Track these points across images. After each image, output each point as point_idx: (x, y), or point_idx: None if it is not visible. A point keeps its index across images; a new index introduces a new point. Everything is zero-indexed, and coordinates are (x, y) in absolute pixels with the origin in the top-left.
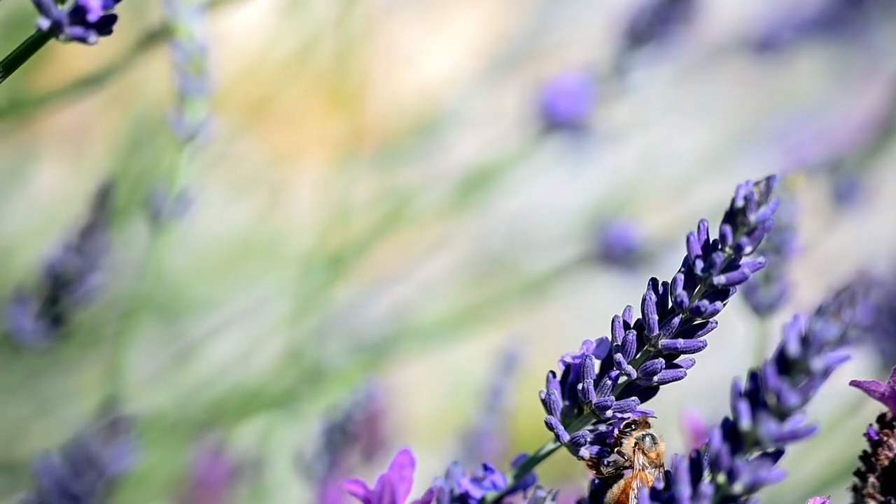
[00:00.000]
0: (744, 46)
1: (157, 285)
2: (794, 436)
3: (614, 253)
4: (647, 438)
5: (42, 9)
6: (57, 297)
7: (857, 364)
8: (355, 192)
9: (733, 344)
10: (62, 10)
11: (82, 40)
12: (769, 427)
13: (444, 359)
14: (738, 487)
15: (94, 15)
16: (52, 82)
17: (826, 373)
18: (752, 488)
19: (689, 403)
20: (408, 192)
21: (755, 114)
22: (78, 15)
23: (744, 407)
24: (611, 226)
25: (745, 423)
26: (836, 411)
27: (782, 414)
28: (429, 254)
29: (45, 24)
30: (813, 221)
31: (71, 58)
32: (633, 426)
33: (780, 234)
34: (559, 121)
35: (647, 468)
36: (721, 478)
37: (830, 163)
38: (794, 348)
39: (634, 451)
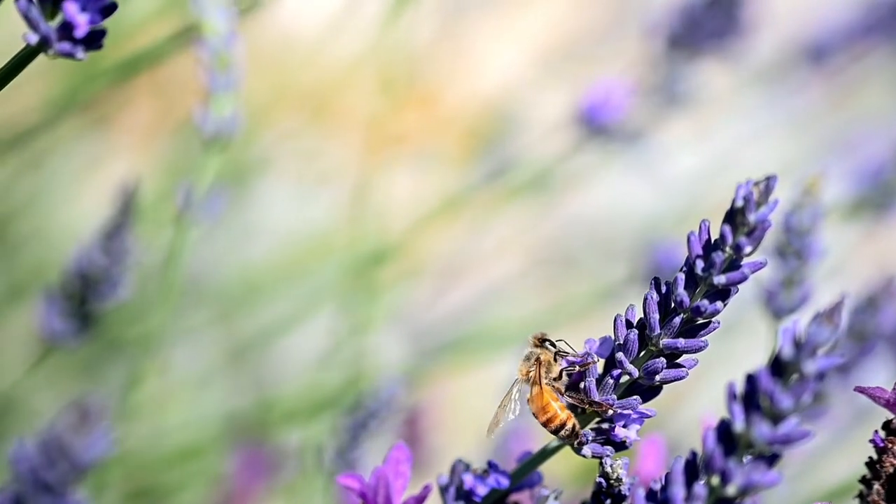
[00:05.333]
0: (811, 57)
1: (179, 280)
2: (787, 439)
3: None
4: (524, 354)
5: (31, 24)
6: (84, 295)
7: (888, 372)
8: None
9: None
10: (51, 25)
11: (70, 56)
12: (762, 430)
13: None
14: (731, 489)
15: (81, 31)
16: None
17: (819, 376)
18: (745, 491)
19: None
20: (472, 190)
21: (825, 124)
22: (66, 30)
23: (737, 409)
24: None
25: (738, 425)
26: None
27: (775, 417)
28: (497, 256)
29: (33, 39)
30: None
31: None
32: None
33: (802, 239)
34: (601, 125)
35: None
36: (714, 479)
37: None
38: (787, 351)
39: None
